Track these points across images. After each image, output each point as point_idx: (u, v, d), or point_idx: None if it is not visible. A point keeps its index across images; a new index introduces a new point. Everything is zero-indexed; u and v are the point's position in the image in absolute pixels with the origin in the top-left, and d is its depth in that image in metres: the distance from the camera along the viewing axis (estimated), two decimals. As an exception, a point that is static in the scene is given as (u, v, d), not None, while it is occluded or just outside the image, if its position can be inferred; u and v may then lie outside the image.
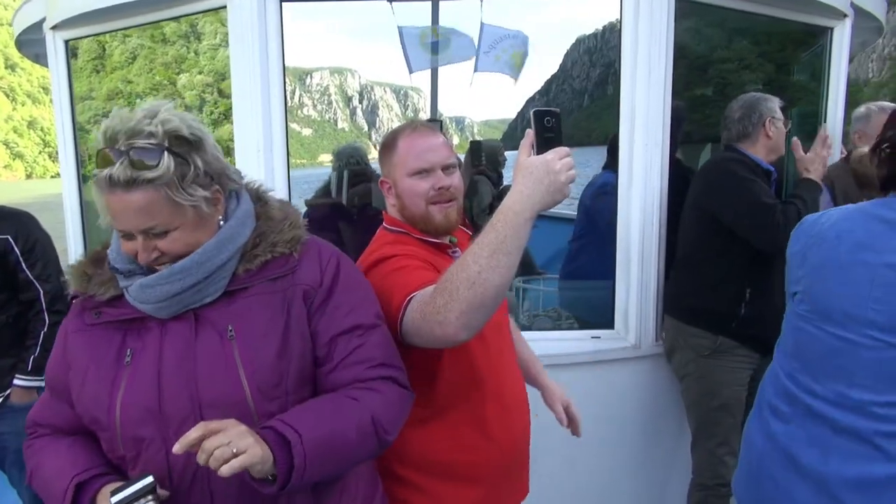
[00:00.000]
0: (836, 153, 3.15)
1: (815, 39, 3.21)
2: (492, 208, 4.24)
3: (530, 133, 1.25)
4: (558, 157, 1.23)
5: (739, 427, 2.39)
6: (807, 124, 3.40)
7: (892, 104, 3.03)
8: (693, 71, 3.40)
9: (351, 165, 3.85)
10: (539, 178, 1.21)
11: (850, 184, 2.85)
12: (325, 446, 1.13)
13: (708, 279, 2.47)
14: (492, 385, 1.62)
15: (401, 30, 3.18)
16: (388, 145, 1.66)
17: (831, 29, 3.08)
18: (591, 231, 3.46)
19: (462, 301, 1.20)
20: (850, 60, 3.35)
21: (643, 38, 2.50)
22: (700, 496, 2.57)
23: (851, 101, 3.22)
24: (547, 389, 1.90)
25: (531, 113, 1.28)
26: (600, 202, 3.33)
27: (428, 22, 4.38)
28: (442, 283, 1.25)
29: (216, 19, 2.77)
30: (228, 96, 2.51)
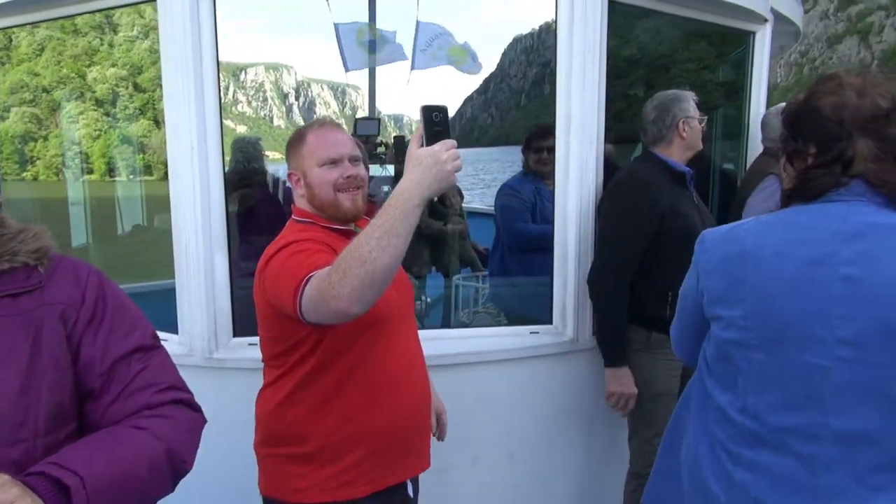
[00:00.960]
0: (757, 150, 3.32)
1: (739, 42, 3.37)
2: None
3: (420, 127, 1.39)
4: (445, 149, 1.36)
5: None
6: (732, 125, 3.57)
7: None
8: (624, 71, 3.53)
9: (238, 163, 3.63)
10: (427, 167, 1.35)
11: None
12: (112, 487, 0.96)
13: (633, 283, 2.55)
14: (390, 357, 1.75)
15: (337, 27, 3.16)
16: (297, 140, 1.81)
17: (753, 33, 3.25)
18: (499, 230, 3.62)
19: (354, 278, 1.34)
20: (805, 53, 3.53)
21: (578, 40, 2.56)
22: (636, 485, 2.66)
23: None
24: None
25: (420, 108, 1.41)
26: (497, 203, 3.56)
27: (365, 19, 4.37)
28: (337, 261, 1.39)
29: (135, 10, 2.70)
30: (144, 90, 2.46)
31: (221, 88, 2.44)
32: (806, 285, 1.23)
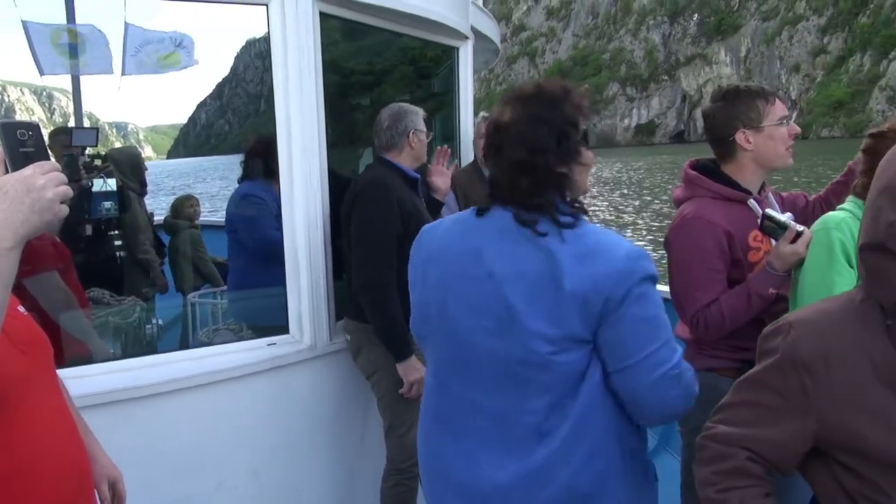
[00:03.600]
0: (467, 159, 3.70)
1: (448, 57, 3.71)
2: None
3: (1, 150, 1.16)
4: (41, 172, 1.13)
5: None
6: (445, 132, 3.92)
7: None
8: (350, 81, 3.69)
9: None
10: (17, 197, 1.10)
11: (472, 187, 3.37)
12: None
13: None
14: (21, 440, 1.36)
15: (26, 25, 2.86)
16: None
17: (457, 48, 3.61)
18: (240, 241, 3.56)
19: None
20: (492, 70, 3.98)
21: (292, 49, 2.63)
22: (395, 479, 2.80)
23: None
24: (96, 462, 1.64)
25: None
26: (240, 212, 3.49)
27: (62, 18, 3.96)
28: None
29: None
30: None
31: None
32: (467, 281, 1.51)
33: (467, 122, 3.68)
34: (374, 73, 3.88)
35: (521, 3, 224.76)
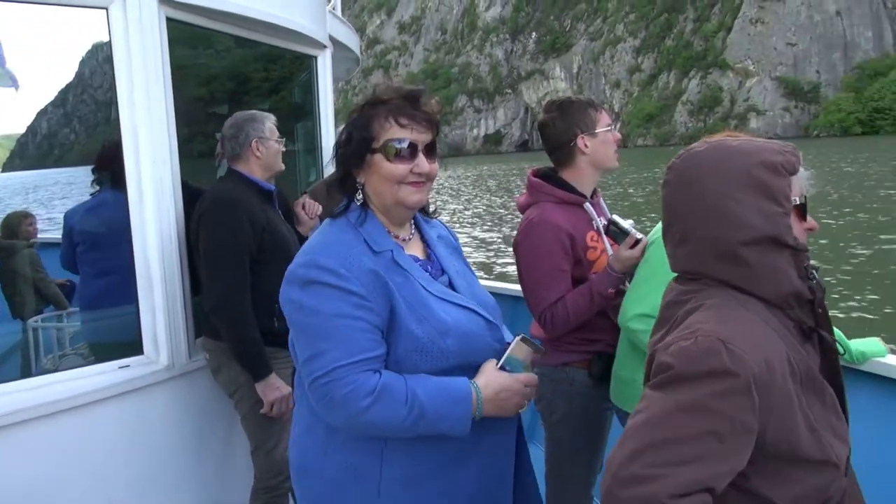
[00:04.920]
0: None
1: (307, 65, 3.55)
2: None
3: None
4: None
5: None
6: (308, 139, 3.76)
7: None
8: (205, 89, 3.42)
9: None
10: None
11: (322, 200, 3.19)
12: None
13: None
14: None
15: None
16: None
17: (316, 57, 3.45)
18: (89, 257, 3.16)
19: None
20: (349, 81, 3.85)
21: (137, 55, 2.37)
22: (264, 498, 2.60)
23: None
24: None
25: None
26: (95, 225, 3.09)
27: None
28: None
29: None
30: None
31: None
32: None
33: (328, 132, 3.53)
34: (233, 81, 3.63)
35: (375, 17, 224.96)
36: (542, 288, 2.19)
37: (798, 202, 1.18)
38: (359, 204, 1.50)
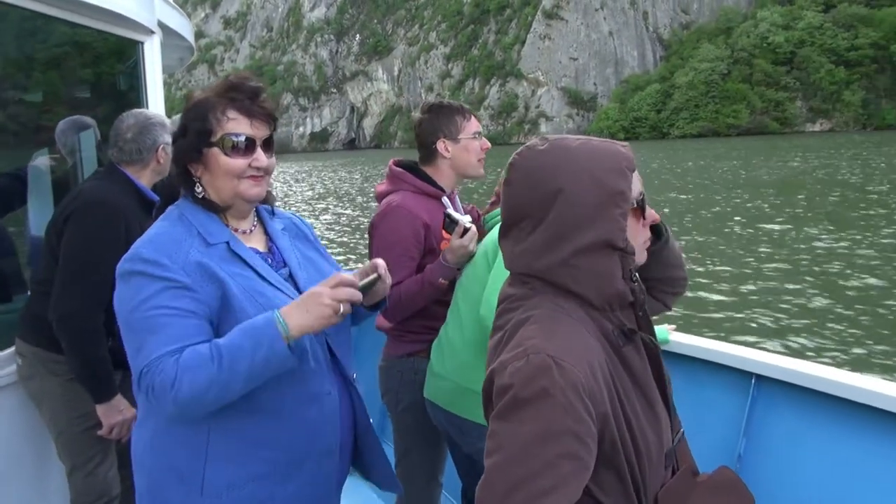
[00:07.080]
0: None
1: (133, 52, 3.10)
2: None
3: None
4: None
5: None
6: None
7: None
8: (18, 75, 2.86)
9: None
10: None
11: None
12: None
13: None
14: None
15: None
16: None
17: (142, 43, 3.03)
18: None
19: None
20: (172, 75, 3.42)
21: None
22: None
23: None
24: None
25: None
26: None
27: None
28: None
29: None
30: None
31: None
32: None
33: (159, 122, 3.12)
34: (46, 65, 3.06)
35: (200, 10, 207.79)
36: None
37: (636, 202, 1.12)
38: (200, 197, 1.40)
